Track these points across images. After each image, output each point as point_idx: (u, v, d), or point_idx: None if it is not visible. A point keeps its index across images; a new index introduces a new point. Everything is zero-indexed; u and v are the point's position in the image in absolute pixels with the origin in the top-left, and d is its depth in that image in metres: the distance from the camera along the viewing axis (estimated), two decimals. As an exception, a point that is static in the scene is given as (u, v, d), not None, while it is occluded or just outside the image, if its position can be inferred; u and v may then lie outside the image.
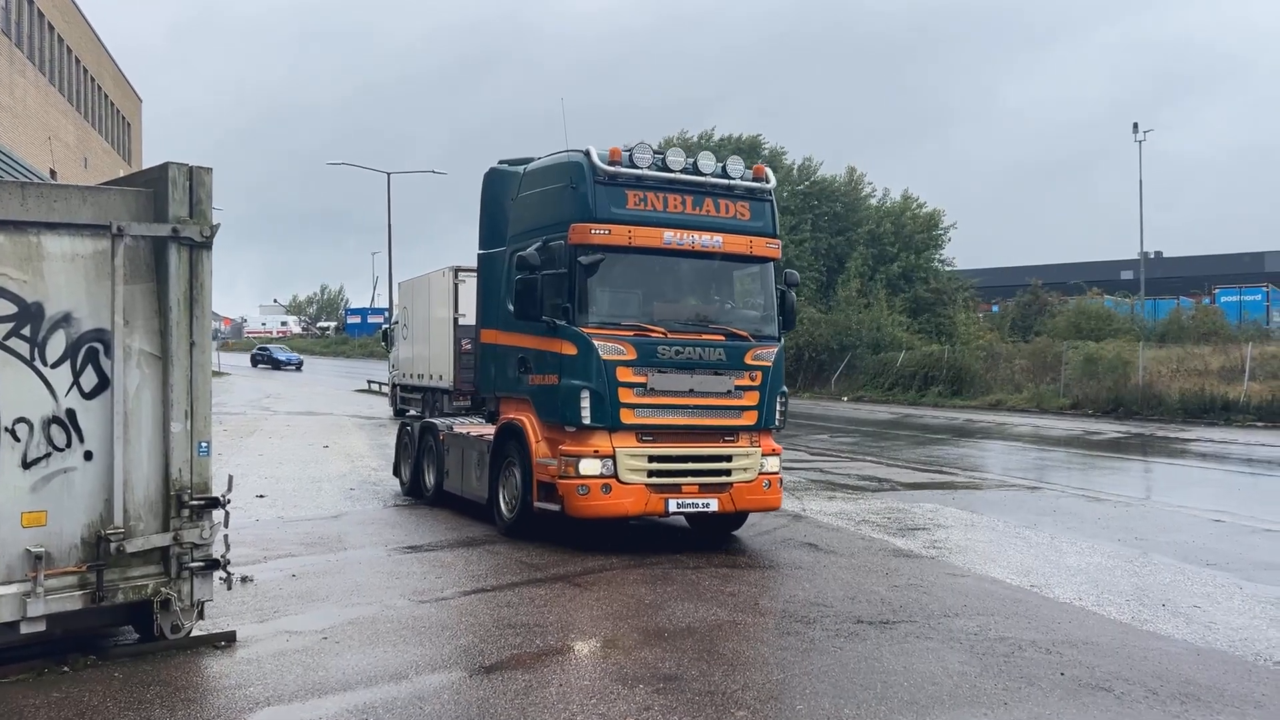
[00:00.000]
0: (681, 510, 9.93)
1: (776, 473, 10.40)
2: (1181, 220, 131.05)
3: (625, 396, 9.54)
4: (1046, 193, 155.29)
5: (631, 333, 9.68)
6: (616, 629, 7.18)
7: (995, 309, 56.39)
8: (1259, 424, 26.75)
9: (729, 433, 10.08)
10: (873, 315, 45.26)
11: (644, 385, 9.60)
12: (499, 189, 11.40)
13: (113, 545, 6.03)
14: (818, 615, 7.71)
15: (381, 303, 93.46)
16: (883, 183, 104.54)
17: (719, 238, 10.08)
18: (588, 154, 9.77)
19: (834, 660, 6.60)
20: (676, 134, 57.54)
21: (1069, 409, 32.25)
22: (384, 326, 40.61)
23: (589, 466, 9.48)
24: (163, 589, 6.25)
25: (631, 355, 9.58)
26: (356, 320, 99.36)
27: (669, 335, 9.77)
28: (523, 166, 11.05)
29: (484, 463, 11.09)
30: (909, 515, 12.66)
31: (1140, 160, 52.27)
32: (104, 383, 6.10)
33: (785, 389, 10.55)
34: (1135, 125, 46.25)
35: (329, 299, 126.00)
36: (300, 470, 16.17)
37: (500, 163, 11.62)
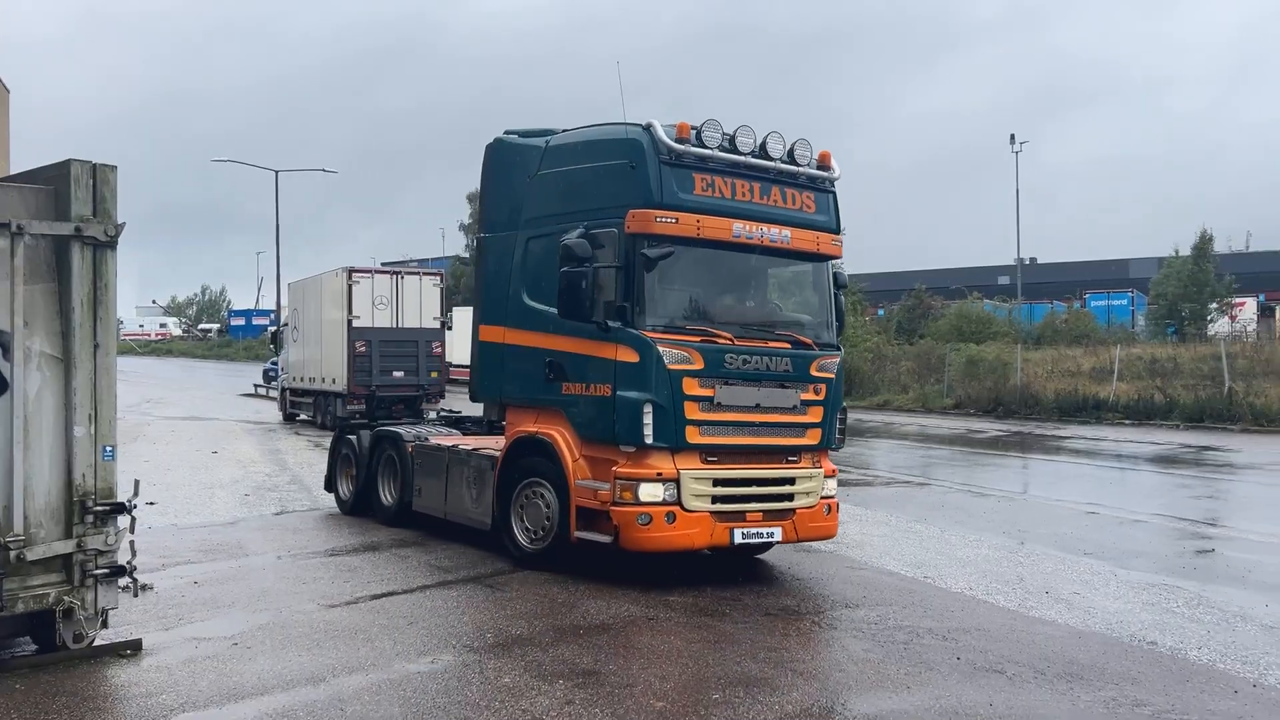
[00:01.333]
0: (747, 541, 8.71)
1: (834, 496, 9.31)
2: (1055, 228, 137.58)
3: (691, 412, 8.28)
4: (933, 200, 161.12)
5: (698, 339, 8.41)
6: (532, 628, 7.26)
7: (881, 313, 58.14)
8: (1127, 422, 28.33)
9: (792, 452, 8.94)
10: (766, 318, 46.09)
11: (710, 399, 8.36)
12: (509, 163, 9.86)
13: (12, 553, 5.82)
14: (728, 609, 7.94)
15: (267, 304, 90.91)
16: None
17: (787, 231, 8.88)
18: (650, 128, 8.38)
19: (745, 650, 6.82)
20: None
21: (953, 409, 33.54)
22: (272, 328, 39.55)
23: (650, 492, 8.20)
24: (65, 597, 6.07)
25: (699, 364, 8.31)
26: (241, 322, 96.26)
27: (736, 342, 8.56)
28: (545, 139, 9.51)
29: (484, 482, 9.65)
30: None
31: (1017, 170, 54.58)
32: (2, 386, 5.90)
33: (844, 404, 9.44)
34: (1012, 137, 48.18)
35: (210, 300, 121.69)
36: (190, 476, 15.69)
37: (507, 133, 10.05)
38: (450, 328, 26.11)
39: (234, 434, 24.20)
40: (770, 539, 8.85)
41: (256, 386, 40.94)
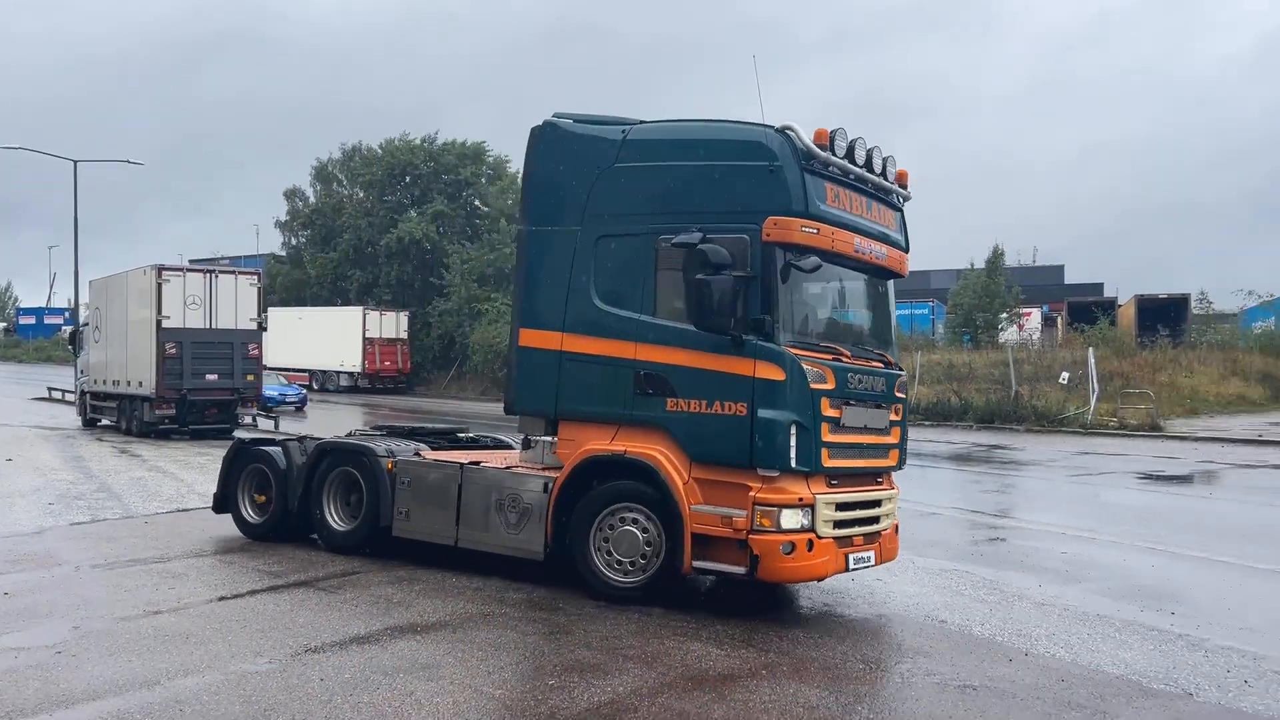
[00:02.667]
0: (857, 568, 8.37)
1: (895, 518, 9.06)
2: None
3: (824, 433, 7.87)
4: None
5: (829, 356, 8.04)
6: (369, 626, 7.36)
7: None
8: (927, 423, 30.43)
9: (880, 474, 8.75)
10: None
11: (837, 421, 7.98)
12: (568, 152, 8.88)
13: None
14: (562, 604, 8.27)
15: (60, 302, 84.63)
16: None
17: (884, 249, 8.68)
18: (787, 131, 7.88)
19: (579, 640, 7.17)
20: (399, 135, 56.62)
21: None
22: (70, 328, 37.07)
23: (791, 519, 7.68)
24: None
25: (831, 384, 7.91)
26: (30, 321, 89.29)
27: (853, 361, 8.26)
28: (620, 129, 8.69)
29: (530, 505, 8.67)
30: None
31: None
32: None
33: None
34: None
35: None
36: (-14, 485, 14.70)
37: (560, 117, 9.04)
38: (266, 329, 25.33)
39: (28, 440, 22.67)
40: (869, 564, 8.51)
41: (51, 390, 38.27)
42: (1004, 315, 48.68)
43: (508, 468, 9.10)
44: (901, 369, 9.06)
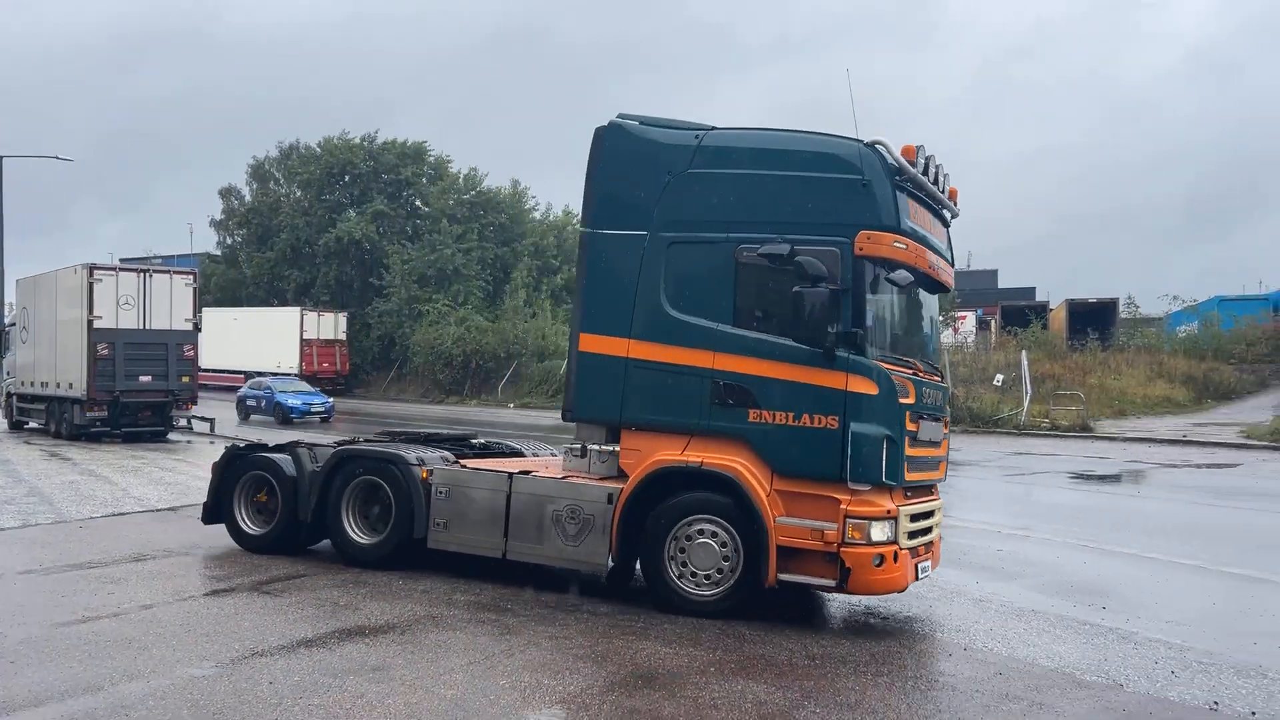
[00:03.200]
0: (922, 576, 8.45)
1: None
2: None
3: (906, 448, 7.89)
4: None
5: (909, 370, 8.12)
6: (317, 630, 7.31)
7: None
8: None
9: (932, 485, 8.82)
10: (539, 325, 46.74)
11: (915, 434, 8.01)
12: (635, 154, 8.63)
13: None
14: (510, 604, 8.29)
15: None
16: (560, 200, 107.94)
17: (947, 265, 8.86)
18: (879, 145, 7.87)
19: (528, 640, 7.21)
20: (338, 134, 55.94)
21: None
22: (-5, 328, 36.00)
23: (879, 532, 7.67)
24: None
25: (913, 399, 7.95)
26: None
27: (924, 375, 8.38)
28: (693, 133, 8.51)
29: (591, 517, 8.39)
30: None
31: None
32: None
33: None
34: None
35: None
36: (-91, 490, 14.24)
37: (625, 118, 8.78)
38: (201, 329, 24.88)
39: (-47, 444, 21.97)
40: (928, 573, 8.60)
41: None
42: (940, 318, 49.58)
43: (564, 477, 8.74)
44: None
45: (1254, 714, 6.21)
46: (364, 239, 52.21)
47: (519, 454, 10.71)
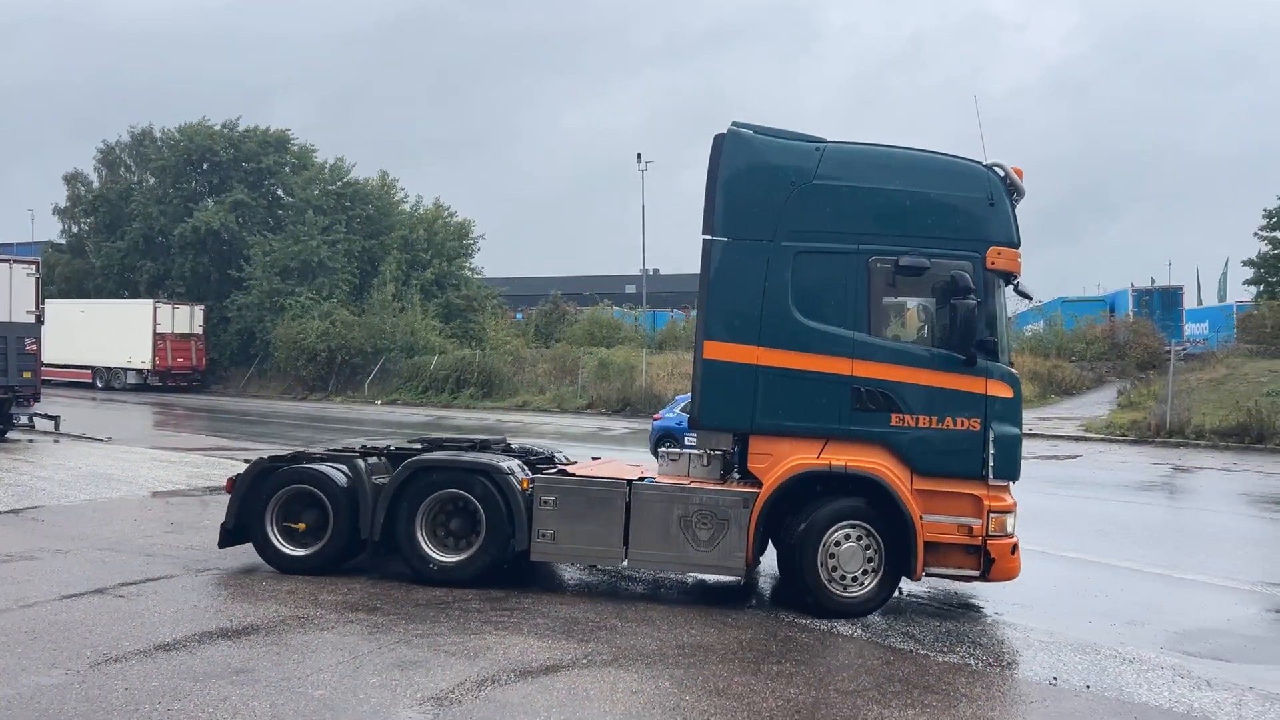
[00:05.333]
0: None
1: None
2: (679, 242, 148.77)
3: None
4: (580, 209, 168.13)
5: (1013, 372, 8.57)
6: (176, 634, 7.05)
7: (520, 316, 59.82)
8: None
9: None
10: (407, 320, 45.88)
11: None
12: (758, 163, 8.69)
13: None
14: (379, 603, 8.18)
15: None
16: (431, 191, 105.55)
17: None
18: (997, 168, 8.43)
19: (399, 638, 7.14)
20: (198, 119, 53.63)
21: (586, 408, 35.48)
22: None
23: (1011, 524, 8.21)
24: None
25: (1023, 401, 8.59)
26: None
27: None
28: (814, 145, 8.65)
29: (720, 522, 8.37)
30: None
31: (643, 187, 59.03)
32: None
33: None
34: (639, 156, 51.82)
35: None
36: None
37: (741, 126, 8.79)
38: (44, 322, 23.48)
39: None
40: None
41: None
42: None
43: (690, 484, 8.72)
44: None
45: (1088, 687, 6.68)
46: (222, 229, 50.12)
47: (550, 458, 9.95)
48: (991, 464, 8.14)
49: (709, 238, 8.77)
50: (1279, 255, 40.55)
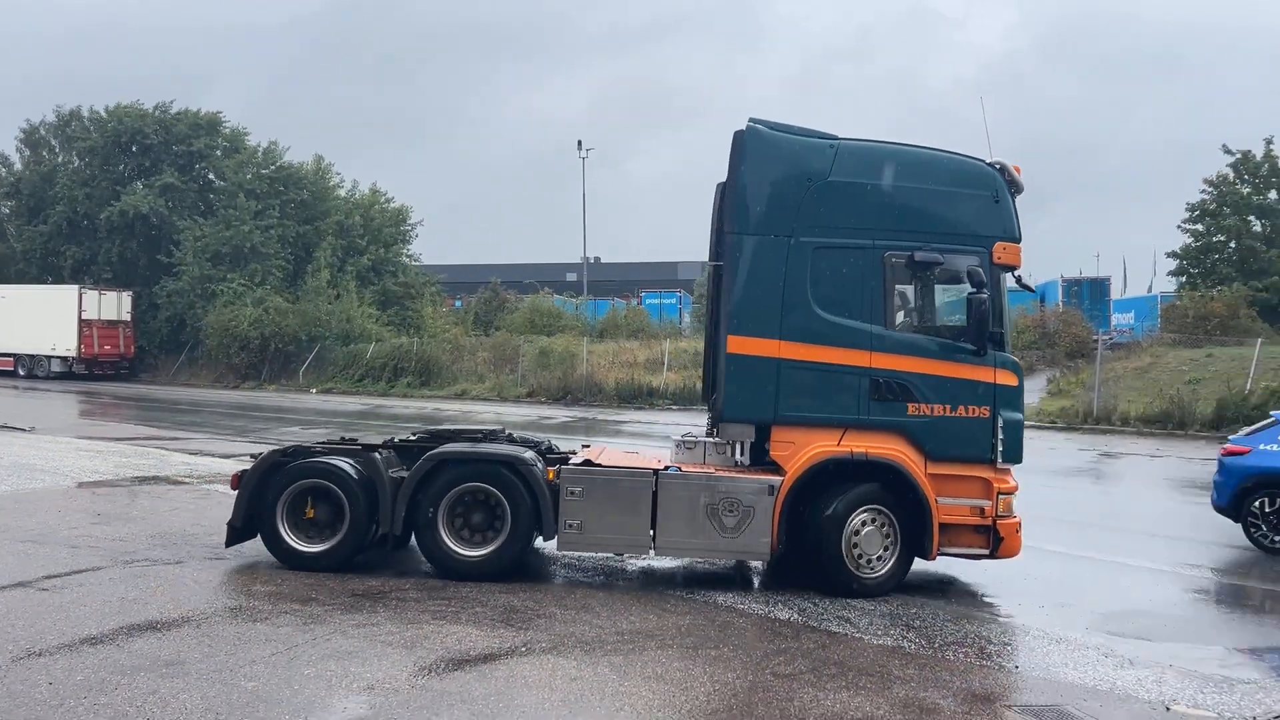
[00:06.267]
0: None
1: None
2: (622, 230, 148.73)
3: None
4: (521, 198, 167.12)
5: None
6: (103, 627, 6.88)
7: (459, 304, 59.31)
8: (674, 407, 31.71)
9: None
10: (343, 307, 45.20)
11: None
12: (775, 160, 8.91)
13: None
14: (312, 595, 8.05)
15: None
16: (373, 177, 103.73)
17: None
18: (1004, 167, 8.83)
19: (334, 629, 7.05)
20: (131, 101, 52.10)
21: (526, 397, 35.31)
22: None
23: (1015, 504, 8.69)
24: None
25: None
26: None
27: None
28: (829, 142, 8.91)
29: (746, 509, 8.55)
30: (390, 498, 13.30)
31: (583, 174, 58.85)
32: None
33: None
34: (579, 143, 51.76)
35: None
36: None
37: (757, 123, 8.98)
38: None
39: None
40: None
41: None
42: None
43: (716, 472, 8.87)
44: None
45: (1017, 667, 6.86)
46: (152, 213, 48.80)
47: (551, 448, 9.84)
48: (1000, 448, 8.59)
49: (731, 234, 8.96)
50: (1201, 247, 41.84)
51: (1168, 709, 6.08)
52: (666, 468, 8.94)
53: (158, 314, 48.97)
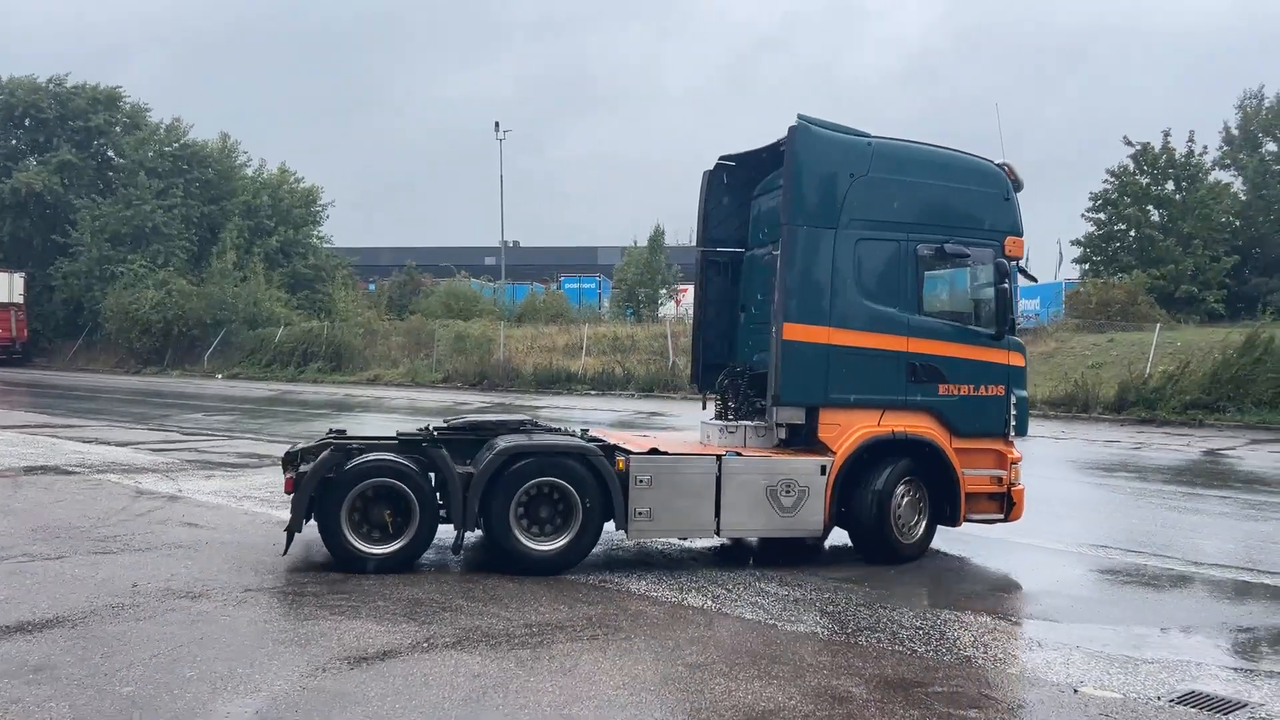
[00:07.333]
0: None
1: None
2: (545, 214, 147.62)
3: None
4: (442, 181, 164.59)
5: None
6: (-35, 629, 6.39)
7: (372, 287, 58.08)
8: (593, 392, 31.51)
9: None
10: (250, 289, 43.85)
11: None
12: (823, 155, 9.35)
13: None
14: (204, 590, 7.65)
15: None
16: (274, 156, 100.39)
17: None
18: (1005, 165, 9.72)
19: (224, 627, 6.67)
20: (25, 75, 49.71)
21: (441, 382, 34.71)
22: None
23: (1020, 473, 9.73)
24: None
25: None
26: None
27: None
28: (866, 139, 9.46)
29: (802, 489, 8.99)
30: (293, 487, 12.82)
31: (501, 156, 57.90)
32: None
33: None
34: (497, 124, 50.98)
35: None
36: None
37: (804, 119, 9.38)
38: None
39: None
40: None
41: None
42: (664, 291, 51.41)
43: (772, 455, 9.31)
44: None
45: (927, 651, 6.81)
46: (46, 191, 46.65)
47: (595, 437, 9.87)
48: (1013, 423, 9.62)
49: (788, 225, 9.34)
50: (1103, 236, 43.12)
51: (1075, 691, 6.08)
52: (725, 453, 9.15)
53: (53, 296, 46.97)
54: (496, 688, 5.74)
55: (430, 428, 9.47)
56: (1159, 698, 6.01)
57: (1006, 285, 9.51)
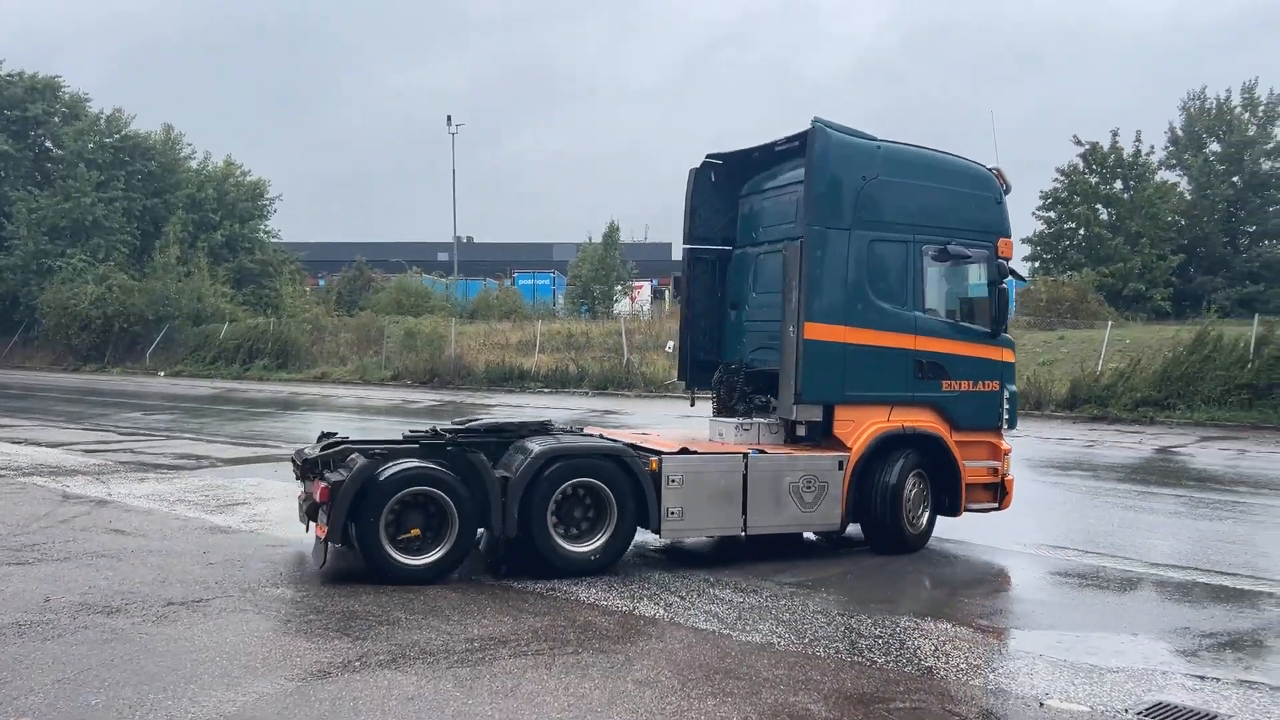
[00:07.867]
0: None
1: None
2: (498, 208, 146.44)
3: None
4: (394, 175, 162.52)
5: None
6: None
7: (322, 283, 57.04)
8: (546, 390, 31.07)
9: None
10: (194, 285, 42.77)
11: None
12: (839, 158, 9.54)
13: None
14: (122, 604, 7.16)
15: None
16: (220, 149, 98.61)
17: None
18: (995, 170, 10.13)
19: (140, 647, 6.21)
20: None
21: (391, 380, 34.04)
22: None
23: (1011, 464, 10.20)
24: None
25: None
26: None
27: None
28: (872, 142, 9.69)
29: (821, 485, 9.24)
30: (229, 491, 12.31)
31: (453, 150, 57.24)
32: None
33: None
34: (449, 118, 50.35)
35: None
36: None
37: (820, 122, 9.49)
38: None
39: None
40: None
41: None
42: (618, 288, 51.04)
43: (793, 452, 9.46)
44: None
45: (887, 661, 6.54)
46: (-21, 182, 45.15)
47: (587, 434, 9.93)
48: (1006, 416, 10.06)
49: (810, 226, 9.46)
50: (1053, 234, 43.55)
51: (1041, 705, 5.84)
52: (749, 451, 9.25)
53: (-13, 292, 45.44)
54: (431, 712, 5.35)
55: (437, 429, 9.02)
56: (1126, 710, 5.78)
57: (1002, 285, 9.90)
